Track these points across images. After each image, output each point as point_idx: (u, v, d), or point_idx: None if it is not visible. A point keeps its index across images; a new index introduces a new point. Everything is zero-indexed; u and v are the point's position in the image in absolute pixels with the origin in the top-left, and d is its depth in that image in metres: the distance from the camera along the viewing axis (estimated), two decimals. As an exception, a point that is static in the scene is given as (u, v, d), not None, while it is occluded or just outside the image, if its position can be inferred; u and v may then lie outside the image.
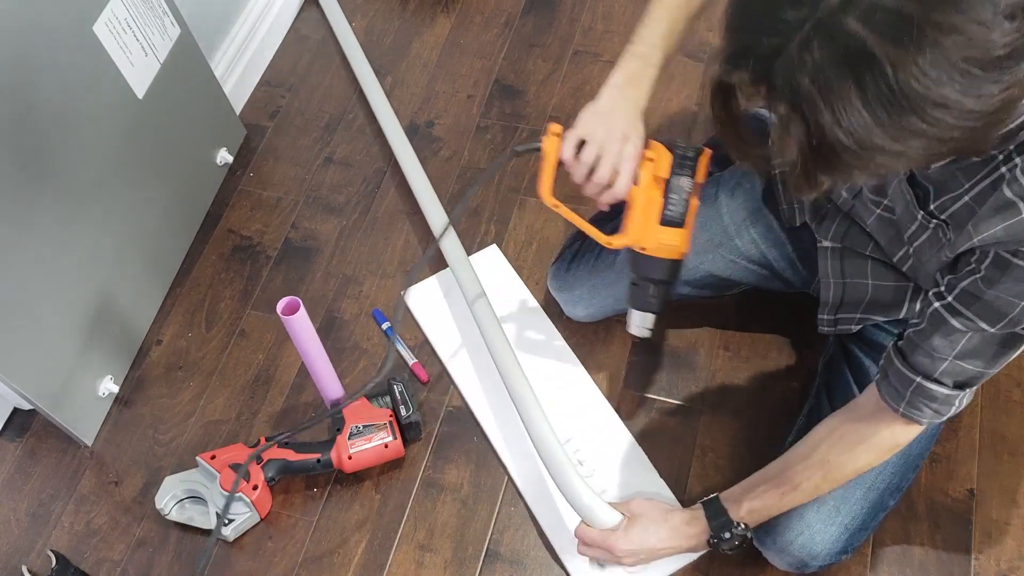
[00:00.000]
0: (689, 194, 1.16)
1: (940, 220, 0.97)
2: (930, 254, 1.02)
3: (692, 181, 1.15)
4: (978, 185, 0.89)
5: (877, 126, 0.71)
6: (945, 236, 0.97)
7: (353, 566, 1.35)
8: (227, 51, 1.81)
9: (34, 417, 1.51)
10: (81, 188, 1.40)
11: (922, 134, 0.71)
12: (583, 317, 1.48)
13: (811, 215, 1.24)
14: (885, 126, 0.71)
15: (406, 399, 1.40)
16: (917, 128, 0.70)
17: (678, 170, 1.15)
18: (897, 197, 1.04)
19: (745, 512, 1.16)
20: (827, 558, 1.19)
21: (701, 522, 1.18)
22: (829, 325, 1.28)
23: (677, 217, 1.17)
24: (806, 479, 1.12)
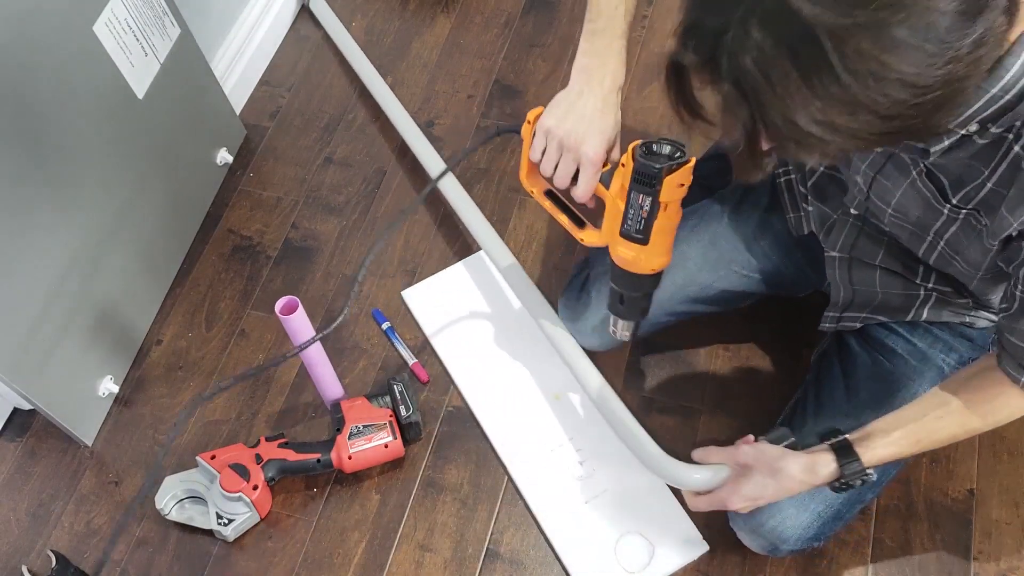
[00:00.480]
0: (649, 211, 1.06)
1: (970, 209, 0.96)
2: (968, 242, 1.00)
3: (652, 200, 1.05)
4: (998, 170, 0.89)
5: (819, 106, 0.70)
6: (980, 223, 0.96)
7: (353, 566, 1.35)
8: (227, 51, 1.81)
9: (34, 417, 1.51)
10: (81, 188, 1.40)
11: (866, 113, 0.70)
12: (597, 347, 1.40)
13: (818, 226, 1.24)
14: (827, 106, 0.70)
15: (406, 399, 1.40)
16: (861, 107, 0.70)
17: (635, 184, 1.05)
18: (910, 200, 1.03)
19: (877, 459, 1.07)
20: (798, 543, 1.19)
21: (829, 466, 1.07)
22: (832, 322, 1.28)
23: (634, 233, 1.08)
24: (945, 426, 1.05)
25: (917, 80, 0.69)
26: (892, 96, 0.70)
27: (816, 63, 0.69)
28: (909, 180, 1.01)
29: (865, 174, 1.08)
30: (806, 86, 0.70)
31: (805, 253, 1.31)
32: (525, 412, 1.44)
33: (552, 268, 1.59)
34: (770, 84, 0.71)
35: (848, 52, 0.68)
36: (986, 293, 1.13)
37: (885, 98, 0.70)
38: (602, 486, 1.36)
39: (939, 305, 1.18)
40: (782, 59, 0.69)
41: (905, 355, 1.21)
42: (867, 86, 0.69)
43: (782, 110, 0.72)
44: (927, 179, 0.98)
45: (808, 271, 1.33)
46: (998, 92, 0.82)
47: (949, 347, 1.20)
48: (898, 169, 1.02)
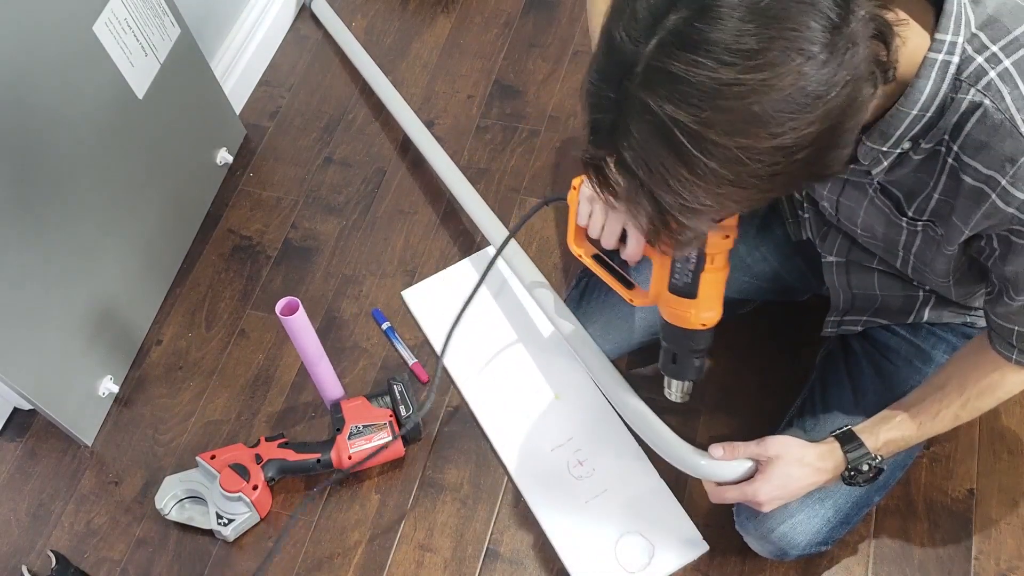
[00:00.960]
0: (695, 264, 1.08)
1: (925, 220, 0.98)
2: (932, 255, 1.02)
3: (698, 253, 1.07)
4: (940, 180, 0.92)
5: (702, 185, 0.75)
6: (936, 233, 0.99)
7: (353, 566, 1.35)
8: (227, 51, 1.81)
9: (34, 417, 1.51)
10: (81, 188, 1.40)
11: (749, 179, 0.75)
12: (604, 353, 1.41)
13: (814, 231, 1.24)
14: (709, 184, 0.75)
15: (406, 399, 1.40)
16: (739, 179, 0.74)
17: None
18: (873, 218, 1.05)
19: (882, 443, 1.10)
20: (806, 548, 1.19)
21: (836, 455, 1.11)
22: (834, 327, 1.28)
23: (683, 287, 1.10)
24: (944, 407, 1.08)
25: (787, 143, 0.73)
26: (767, 161, 0.74)
27: (686, 154, 0.73)
28: (868, 199, 1.03)
29: (829, 198, 1.10)
30: (686, 171, 0.74)
31: (805, 258, 1.31)
32: (525, 412, 1.44)
33: (553, 267, 1.59)
34: (653, 172, 0.76)
35: (706, 145, 0.72)
36: (967, 299, 1.15)
37: (761, 166, 0.74)
38: (602, 486, 1.36)
39: (939, 306, 1.19)
40: (659, 151, 0.74)
41: (908, 357, 1.21)
42: (736, 166, 0.73)
43: (671, 193, 0.77)
44: (883, 195, 1.00)
45: (808, 276, 1.33)
46: (917, 113, 0.86)
47: (952, 347, 1.21)
48: (856, 189, 1.04)
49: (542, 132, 1.76)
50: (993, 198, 0.86)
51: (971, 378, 1.07)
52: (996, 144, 0.84)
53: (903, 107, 0.86)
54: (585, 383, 1.45)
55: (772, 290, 1.37)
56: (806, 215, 1.25)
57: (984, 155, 0.85)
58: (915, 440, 1.11)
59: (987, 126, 0.84)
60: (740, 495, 1.15)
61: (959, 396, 1.08)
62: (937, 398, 1.09)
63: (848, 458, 1.10)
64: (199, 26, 1.63)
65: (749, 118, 0.71)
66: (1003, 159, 0.84)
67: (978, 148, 0.85)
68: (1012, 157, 0.83)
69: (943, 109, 0.86)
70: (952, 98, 0.85)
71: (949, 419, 1.09)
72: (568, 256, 1.59)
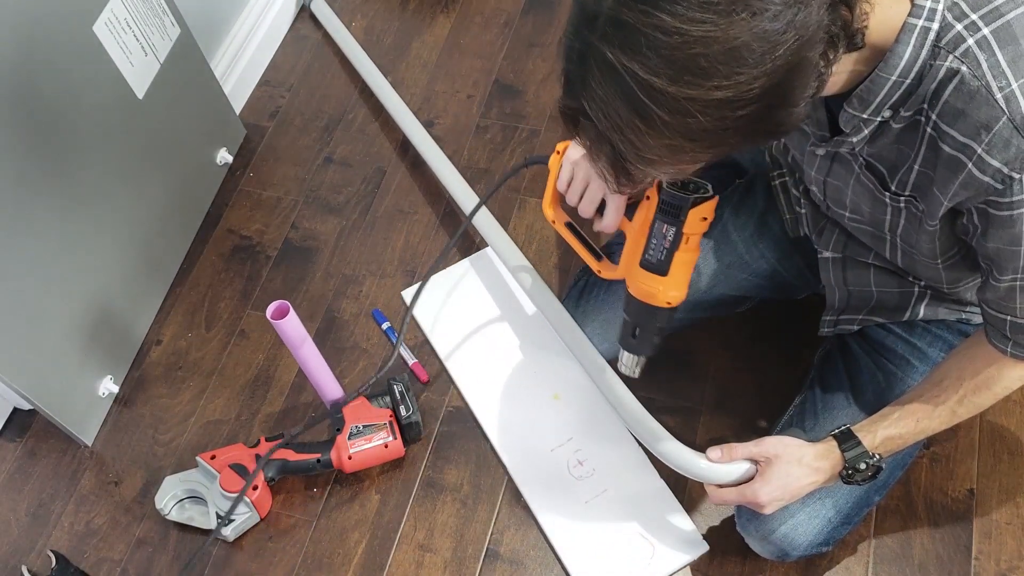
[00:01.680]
0: (671, 242, 1.09)
1: (907, 195, 0.99)
2: (916, 234, 1.03)
3: (676, 230, 1.08)
4: (920, 151, 0.92)
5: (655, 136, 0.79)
6: (918, 209, 0.99)
7: (353, 566, 1.35)
8: (227, 51, 1.81)
9: (34, 417, 1.51)
10: (81, 188, 1.40)
11: (700, 134, 0.78)
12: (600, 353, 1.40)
13: (811, 227, 1.24)
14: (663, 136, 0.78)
15: (406, 399, 1.40)
16: (691, 132, 0.78)
17: (661, 215, 1.08)
18: (860, 197, 1.05)
19: (880, 441, 1.10)
20: (807, 549, 1.19)
21: (834, 454, 1.11)
22: (830, 326, 1.28)
23: (655, 263, 1.11)
24: (941, 402, 1.07)
25: (731, 96, 0.75)
26: (713, 115, 0.77)
27: (639, 103, 0.77)
28: (854, 176, 1.04)
29: (817, 180, 1.11)
30: (639, 121, 0.78)
31: (803, 255, 1.31)
32: (525, 412, 1.44)
33: (552, 268, 1.59)
34: (610, 122, 0.80)
35: (655, 95, 0.76)
36: (958, 287, 1.14)
37: (708, 119, 0.77)
38: (602, 486, 1.36)
39: (935, 302, 1.19)
40: (615, 101, 0.78)
41: (906, 355, 1.21)
42: (684, 117, 0.77)
43: (626, 143, 0.81)
44: (868, 171, 1.01)
45: (806, 273, 1.33)
46: (897, 78, 0.87)
47: (948, 345, 1.21)
48: (843, 167, 1.05)
49: (542, 132, 1.76)
50: (969, 167, 0.87)
51: (968, 372, 1.06)
52: (972, 112, 0.85)
53: (882, 72, 0.87)
54: (585, 383, 1.45)
55: (770, 287, 1.37)
56: (803, 210, 1.25)
57: (961, 123, 0.86)
58: (913, 437, 1.10)
59: (964, 93, 0.85)
60: (740, 497, 1.15)
61: (956, 392, 1.07)
62: (934, 394, 1.08)
63: (846, 457, 1.09)
64: (199, 26, 1.62)
65: (694, 69, 0.74)
66: (979, 126, 0.85)
67: (955, 116, 0.86)
68: (987, 124, 0.84)
69: (921, 76, 0.87)
70: (931, 65, 0.86)
71: (946, 415, 1.08)
72: (568, 257, 1.59)
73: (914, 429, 1.09)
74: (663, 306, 1.14)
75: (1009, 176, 0.85)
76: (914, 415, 1.09)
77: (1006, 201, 0.88)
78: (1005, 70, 0.83)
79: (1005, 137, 0.84)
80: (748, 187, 1.36)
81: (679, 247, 1.09)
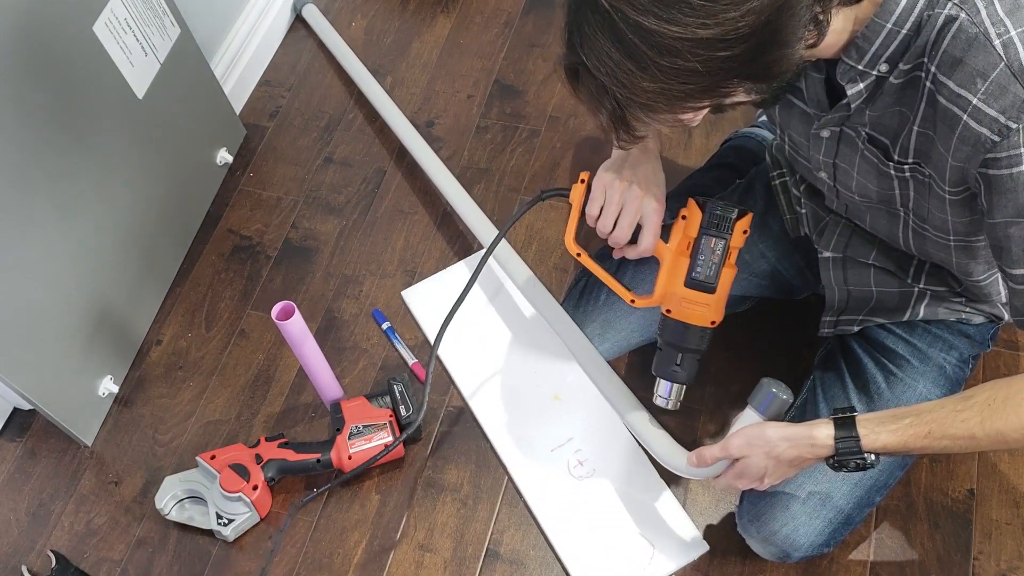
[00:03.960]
0: (720, 257, 1.09)
1: (910, 163, 0.98)
2: (927, 203, 1.02)
3: (724, 244, 1.08)
4: (919, 111, 0.92)
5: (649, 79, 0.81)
6: (924, 175, 0.98)
7: (353, 566, 1.35)
8: (227, 51, 1.81)
9: (34, 417, 1.51)
10: (80, 188, 1.40)
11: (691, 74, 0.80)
12: (602, 353, 1.41)
13: (812, 226, 1.24)
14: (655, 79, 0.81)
15: (406, 399, 1.40)
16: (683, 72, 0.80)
17: (708, 230, 1.09)
18: (866, 175, 1.05)
19: (880, 445, 1.01)
20: (809, 550, 1.19)
21: (825, 439, 1.03)
22: (830, 327, 1.28)
23: (704, 280, 1.10)
24: (961, 422, 0.97)
25: (718, 35, 0.78)
26: (702, 55, 0.79)
27: (629, 45, 0.80)
28: (859, 153, 1.03)
29: (826, 164, 1.10)
30: (631, 63, 0.81)
31: (803, 255, 1.31)
32: (525, 412, 1.44)
33: (552, 268, 1.59)
34: (604, 68, 0.82)
35: (643, 34, 0.79)
36: (969, 268, 1.11)
37: (698, 60, 0.79)
38: (602, 486, 1.36)
39: (935, 303, 1.19)
40: (607, 46, 0.81)
41: (906, 355, 1.21)
42: (673, 57, 0.79)
43: (621, 88, 0.83)
44: (870, 144, 1.01)
45: (806, 273, 1.33)
46: (893, 27, 0.87)
47: (949, 345, 1.21)
48: (848, 146, 1.04)
49: (542, 132, 1.76)
50: (965, 119, 0.86)
51: (1000, 396, 0.97)
52: (970, 59, 0.84)
53: (879, 18, 0.87)
54: (585, 383, 1.45)
55: (770, 287, 1.37)
56: (803, 210, 1.25)
57: (958, 72, 0.86)
58: (918, 450, 1.02)
59: (962, 40, 0.85)
60: (725, 485, 1.15)
61: (981, 412, 0.97)
62: (958, 408, 0.99)
63: (838, 447, 1.02)
64: (199, 26, 1.62)
65: (681, 5, 0.77)
66: (975, 74, 0.84)
67: (953, 65, 0.86)
68: (984, 72, 0.84)
69: (919, 26, 0.87)
70: (929, 14, 0.86)
71: (962, 435, 0.98)
72: (567, 258, 1.59)
73: (922, 442, 1.01)
74: (708, 327, 1.12)
75: (1006, 126, 0.84)
76: (928, 425, 1.00)
77: (1004, 156, 0.86)
78: (1003, 18, 0.83)
79: (1002, 84, 0.83)
80: (748, 187, 1.36)
81: (726, 263, 1.09)
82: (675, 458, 1.25)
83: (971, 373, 1.25)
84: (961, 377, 1.23)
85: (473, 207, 1.57)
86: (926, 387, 1.19)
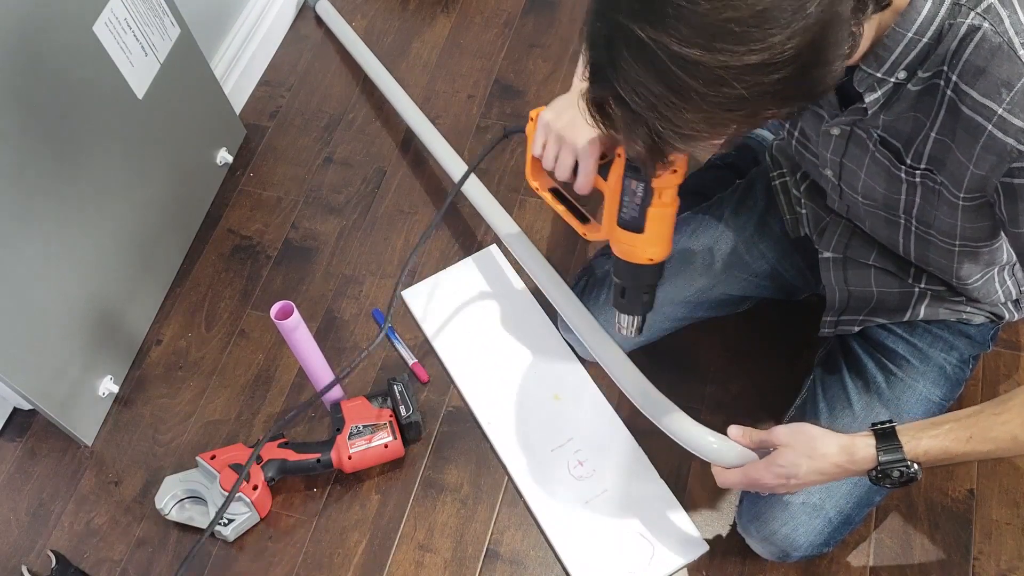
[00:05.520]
0: (642, 199, 1.06)
1: (923, 168, 0.98)
2: (934, 209, 1.01)
3: (644, 186, 1.05)
4: (938, 117, 0.91)
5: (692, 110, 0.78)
6: (936, 182, 0.98)
7: (353, 566, 1.35)
8: (227, 51, 1.81)
9: (34, 417, 1.51)
10: (81, 188, 1.40)
11: (737, 104, 0.77)
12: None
13: (812, 227, 1.24)
14: (700, 111, 0.78)
15: (406, 399, 1.40)
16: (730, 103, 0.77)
17: (628, 172, 1.06)
18: (874, 177, 1.04)
19: (923, 451, 0.98)
20: (808, 549, 1.19)
21: (866, 451, 1.00)
22: (831, 327, 1.28)
23: (630, 221, 1.09)
24: (1001, 424, 0.96)
25: (765, 60, 0.75)
26: (749, 81, 0.76)
27: (672, 77, 0.76)
28: (869, 155, 1.02)
29: (833, 163, 1.09)
30: (674, 96, 0.77)
31: (803, 255, 1.31)
32: (525, 412, 1.44)
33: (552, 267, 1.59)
34: (644, 101, 0.79)
35: (688, 66, 0.75)
36: (967, 272, 1.11)
37: (744, 86, 0.76)
38: (602, 486, 1.36)
39: (935, 303, 1.19)
40: (647, 79, 0.77)
41: (906, 355, 1.21)
42: (719, 86, 0.76)
43: (663, 120, 0.79)
44: (882, 147, 1.00)
45: (807, 273, 1.33)
46: (914, 35, 0.86)
47: (949, 345, 1.21)
48: (858, 147, 1.04)
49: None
50: (989, 128, 0.86)
51: None
52: (994, 69, 0.84)
53: (900, 27, 0.86)
54: (585, 383, 1.45)
55: (770, 287, 1.37)
56: (804, 211, 1.25)
57: (982, 82, 0.85)
58: (960, 456, 0.98)
59: (985, 50, 0.84)
60: (743, 477, 1.09)
61: (1020, 414, 0.95)
62: (996, 411, 0.97)
63: (880, 459, 0.99)
64: (199, 26, 1.62)
65: (726, 35, 0.73)
66: (1000, 84, 0.84)
67: (976, 74, 0.85)
68: (1008, 82, 0.83)
69: (940, 34, 0.86)
70: (951, 24, 0.85)
71: (1004, 438, 0.96)
72: (568, 257, 1.59)
73: (964, 447, 0.98)
74: (645, 263, 1.12)
75: None
76: (968, 430, 0.98)
77: None
78: None
79: None
80: (748, 187, 1.36)
81: (651, 203, 1.07)
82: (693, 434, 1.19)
83: (971, 373, 1.25)
84: (961, 377, 1.23)
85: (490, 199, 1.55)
86: (926, 387, 1.19)
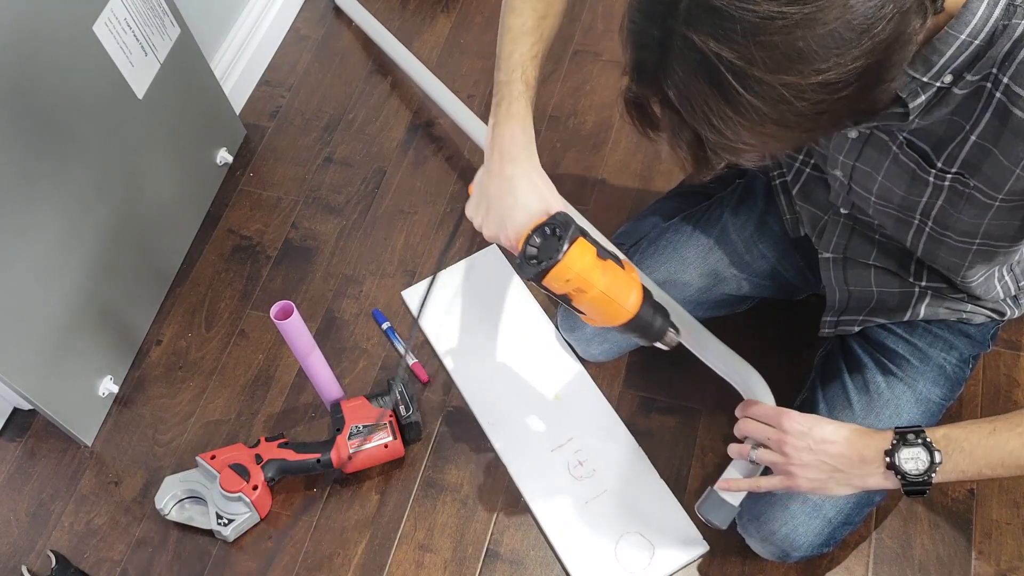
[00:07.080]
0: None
1: (954, 172, 0.95)
2: (957, 212, 0.99)
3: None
4: (981, 121, 0.89)
5: (744, 123, 0.75)
6: (967, 186, 0.95)
7: (353, 566, 1.35)
8: (227, 51, 1.81)
9: (34, 417, 1.51)
10: (80, 188, 1.40)
11: (792, 118, 0.74)
12: (600, 355, 1.42)
13: (810, 227, 1.24)
14: (752, 122, 0.74)
15: (406, 399, 1.40)
16: (783, 118, 0.74)
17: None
18: (893, 180, 1.03)
19: (941, 435, 0.98)
20: (808, 549, 1.19)
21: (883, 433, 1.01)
22: (831, 327, 1.28)
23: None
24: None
25: (832, 79, 0.72)
26: (811, 99, 0.73)
27: (730, 91, 0.73)
28: (891, 157, 1.00)
29: (844, 165, 1.08)
30: (729, 109, 0.74)
31: (803, 255, 1.31)
32: (525, 412, 1.44)
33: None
34: (696, 110, 0.76)
35: (749, 83, 0.72)
36: (974, 271, 1.11)
37: (806, 104, 0.73)
38: (602, 486, 1.36)
39: (935, 302, 1.19)
40: (701, 89, 0.74)
41: (906, 355, 1.21)
42: (780, 104, 0.73)
43: (713, 131, 0.76)
44: (909, 149, 0.98)
45: (806, 273, 1.33)
46: (966, 38, 0.83)
47: (949, 345, 1.21)
48: (877, 150, 1.02)
49: (542, 132, 1.76)
50: None
51: None
52: None
53: (953, 29, 0.83)
54: (585, 383, 1.45)
55: (770, 287, 1.37)
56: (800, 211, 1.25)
57: None
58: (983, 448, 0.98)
59: None
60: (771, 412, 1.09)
61: None
62: (1017, 421, 0.96)
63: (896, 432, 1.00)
64: (199, 26, 1.62)
65: (793, 54, 0.70)
66: None
67: None
68: None
69: (993, 36, 0.83)
70: (1005, 25, 0.82)
71: None
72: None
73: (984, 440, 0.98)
74: (630, 318, 1.07)
75: None
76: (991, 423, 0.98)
77: None
78: None
79: None
80: (748, 187, 1.36)
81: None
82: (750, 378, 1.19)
83: (971, 373, 1.25)
84: (961, 377, 1.23)
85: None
86: (926, 387, 1.19)
